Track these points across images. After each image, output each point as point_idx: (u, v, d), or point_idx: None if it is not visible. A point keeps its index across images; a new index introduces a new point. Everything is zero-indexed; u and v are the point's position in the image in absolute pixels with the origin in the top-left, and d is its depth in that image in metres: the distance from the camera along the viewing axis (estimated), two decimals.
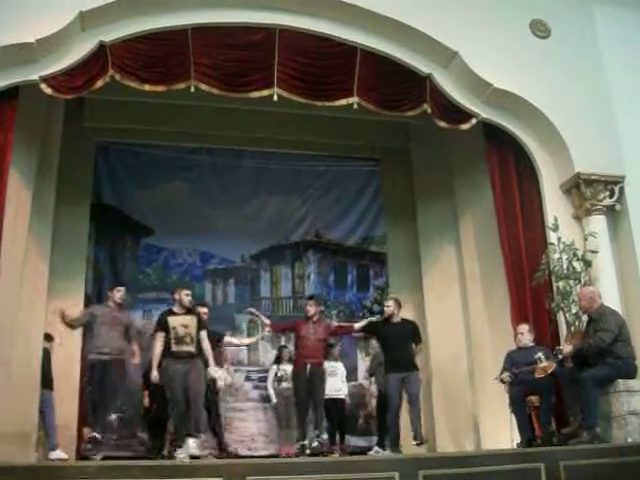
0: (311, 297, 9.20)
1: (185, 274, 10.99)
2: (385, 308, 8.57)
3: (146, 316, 10.26)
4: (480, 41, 8.54)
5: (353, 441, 10.11)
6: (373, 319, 8.97)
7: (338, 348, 9.74)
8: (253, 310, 9.20)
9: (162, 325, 7.66)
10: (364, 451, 9.16)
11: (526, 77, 8.58)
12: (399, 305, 8.52)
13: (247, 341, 9.31)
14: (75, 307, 9.04)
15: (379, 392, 9.34)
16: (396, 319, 8.42)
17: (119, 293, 8.13)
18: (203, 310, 8.40)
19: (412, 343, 8.41)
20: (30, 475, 5.18)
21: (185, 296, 7.76)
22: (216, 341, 8.46)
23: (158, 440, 8.69)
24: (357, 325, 8.89)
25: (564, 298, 7.80)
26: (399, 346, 8.26)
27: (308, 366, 8.27)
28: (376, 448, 8.63)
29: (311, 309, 8.55)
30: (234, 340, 9.22)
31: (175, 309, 7.79)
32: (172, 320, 7.62)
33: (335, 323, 9.12)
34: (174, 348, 7.50)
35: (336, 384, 9.27)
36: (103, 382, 7.69)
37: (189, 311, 7.79)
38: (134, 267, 10.86)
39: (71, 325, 7.95)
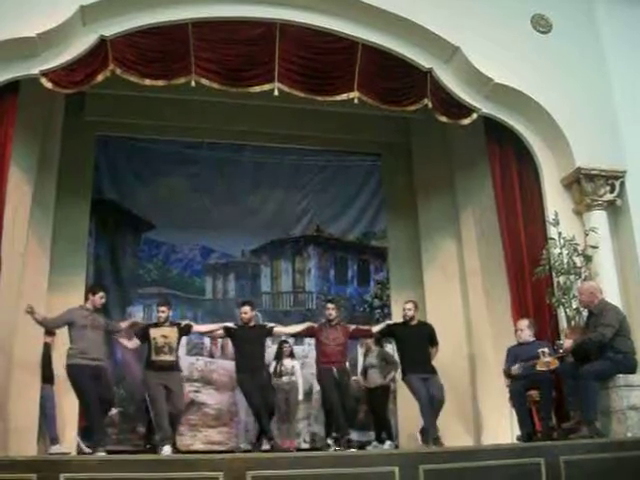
0: (330, 300, 9.01)
1: (185, 269, 11.02)
2: (407, 311, 8.55)
3: (147, 311, 10.29)
4: (481, 36, 8.52)
5: (353, 436, 10.13)
6: (391, 322, 9.00)
7: None
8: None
9: (140, 335, 7.97)
10: (363, 445, 9.18)
11: (527, 72, 8.56)
12: (417, 307, 8.62)
13: (294, 329, 9.03)
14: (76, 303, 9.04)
15: (368, 390, 9.34)
16: (414, 321, 8.46)
17: (102, 300, 7.60)
18: (246, 309, 8.40)
19: (429, 345, 8.45)
20: (31, 469, 5.18)
21: (162, 313, 7.96)
22: (267, 333, 8.50)
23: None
24: (375, 328, 8.88)
25: (564, 293, 7.81)
26: (417, 348, 8.29)
27: (334, 369, 8.20)
28: (374, 443, 8.67)
29: (333, 312, 8.46)
30: (285, 330, 8.94)
31: (157, 322, 8.02)
32: (153, 331, 7.86)
33: (353, 326, 9.02)
34: (153, 357, 7.77)
35: None
36: (95, 389, 7.20)
37: (171, 323, 8.02)
38: (134, 262, 10.87)
39: (42, 324, 7.40)
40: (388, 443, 8.80)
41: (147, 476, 5.27)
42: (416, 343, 8.30)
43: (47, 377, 8.60)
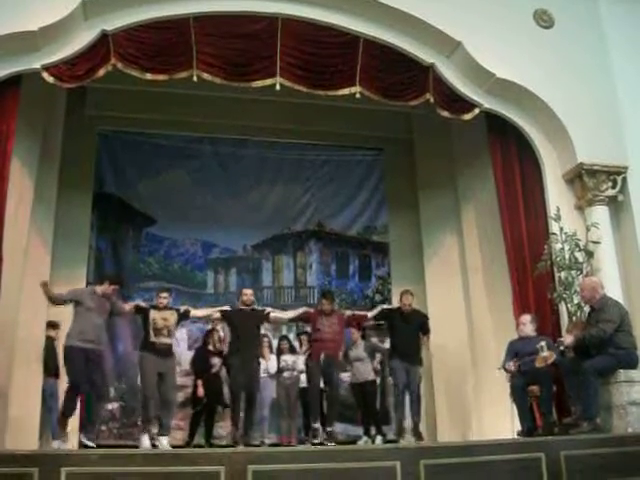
0: (325, 294, 8.96)
1: (187, 263, 11.04)
2: (407, 306, 8.69)
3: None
4: (483, 31, 8.51)
5: (351, 430, 10.13)
6: (385, 307, 9.05)
7: None
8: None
9: (140, 312, 7.97)
10: (354, 440, 9.11)
11: (529, 67, 8.55)
12: (413, 296, 8.83)
13: (291, 315, 8.82)
14: None
15: (352, 385, 9.24)
16: (409, 309, 8.64)
17: (114, 293, 7.72)
18: (248, 292, 8.41)
19: (420, 333, 8.60)
20: (32, 463, 5.18)
21: (163, 299, 7.97)
22: (263, 318, 8.44)
23: (193, 429, 9.03)
24: (370, 313, 8.99)
25: (566, 288, 7.81)
26: (408, 336, 8.45)
27: (322, 356, 8.20)
28: (365, 438, 8.64)
29: (328, 307, 8.42)
30: (281, 315, 8.88)
31: (158, 306, 8.00)
32: (153, 313, 7.86)
33: (349, 312, 9.06)
34: (152, 339, 7.75)
35: None
36: (86, 373, 7.22)
37: (170, 308, 8.03)
38: (136, 256, 10.91)
39: (52, 300, 7.39)
40: (379, 438, 8.70)
41: (148, 470, 5.27)
42: (408, 331, 8.50)
43: (50, 371, 8.61)
